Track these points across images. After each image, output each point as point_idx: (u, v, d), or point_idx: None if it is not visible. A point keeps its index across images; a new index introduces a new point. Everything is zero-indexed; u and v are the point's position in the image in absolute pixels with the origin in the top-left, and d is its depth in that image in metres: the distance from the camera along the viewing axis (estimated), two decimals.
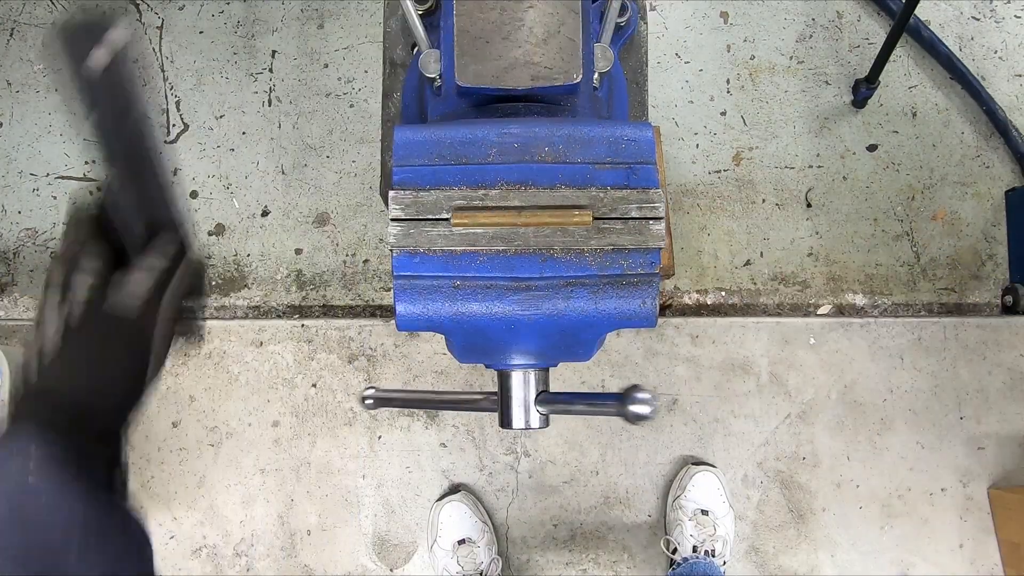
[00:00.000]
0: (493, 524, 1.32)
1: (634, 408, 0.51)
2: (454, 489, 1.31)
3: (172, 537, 1.32)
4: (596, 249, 0.48)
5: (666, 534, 1.30)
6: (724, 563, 1.24)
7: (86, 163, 1.45)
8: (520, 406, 0.58)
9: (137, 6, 1.49)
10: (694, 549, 1.22)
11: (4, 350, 0.97)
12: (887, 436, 1.36)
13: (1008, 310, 1.44)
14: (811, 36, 1.49)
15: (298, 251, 1.44)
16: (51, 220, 1.44)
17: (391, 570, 1.32)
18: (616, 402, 0.52)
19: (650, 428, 1.35)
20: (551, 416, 0.59)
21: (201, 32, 1.49)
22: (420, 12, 0.60)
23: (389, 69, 0.71)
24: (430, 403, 0.75)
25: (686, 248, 1.44)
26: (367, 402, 0.67)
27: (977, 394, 1.37)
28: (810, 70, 1.49)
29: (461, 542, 1.23)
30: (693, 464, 1.32)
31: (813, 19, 1.50)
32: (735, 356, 1.37)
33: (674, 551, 1.24)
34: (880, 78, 1.39)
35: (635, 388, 0.52)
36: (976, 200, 1.47)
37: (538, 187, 0.49)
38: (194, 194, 1.45)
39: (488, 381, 1.36)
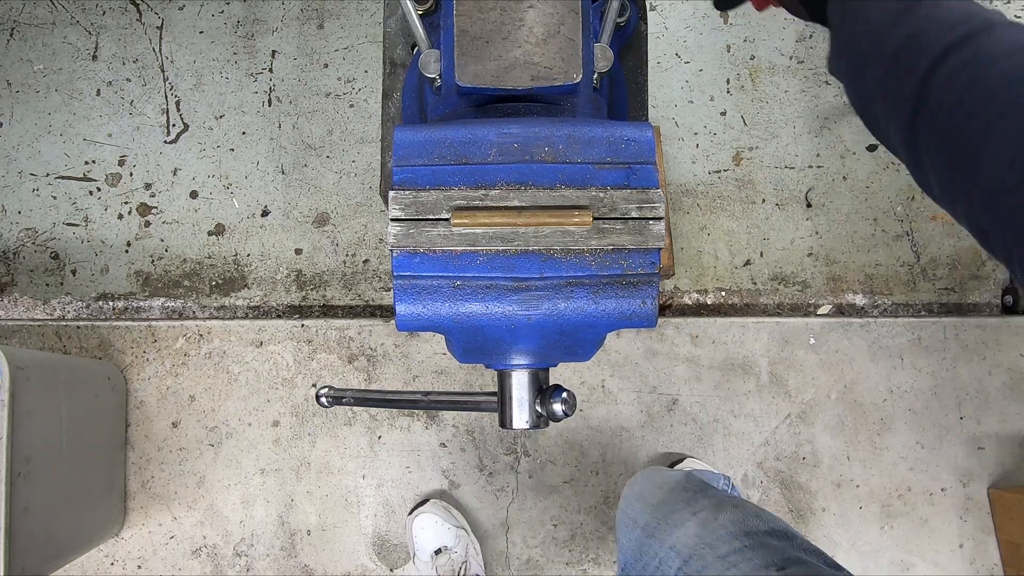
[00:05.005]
0: (493, 523, 1.32)
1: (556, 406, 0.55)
2: (422, 501, 1.30)
3: (172, 537, 1.32)
4: (596, 249, 0.48)
5: None
6: None
7: (86, 163, 1.45)
8: (520, 406, 0.58)
9: (137, 6, 1.49)
10: None
11: (4, 350, 0.97)
12: (887, 436, 1.36)
13: (1008, 310, 1.44)
14: (811, 36, 1.49)
15: (298, 251, 1.44)
16: (51, 220, 1.44)
17: (391, 570, 1.32)
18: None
19: (650, 428, 1.35)
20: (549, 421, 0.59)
21: (201, 32, 1.49)
22: (420, 12, 0.60)
23: (389, 69, 0.71)
24: (393, 403, 0.75)
25: (686, 248, 1.44)
26: (322, 400, 0.67)
27: (977, 394, 1.37)
28: (810, 70, 1.49)
29: (438, 551, 1.22)
30: (672, 465, 1.32)
31: None
32: (735, 356, 1.37)
33: None
34: None
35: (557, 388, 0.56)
36: None
37: (538, 187, 0.49)
38: (194, 194, 1.45)
39: (488, 381, 1.36)
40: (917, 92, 0.42)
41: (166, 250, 1.44)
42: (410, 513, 1.30)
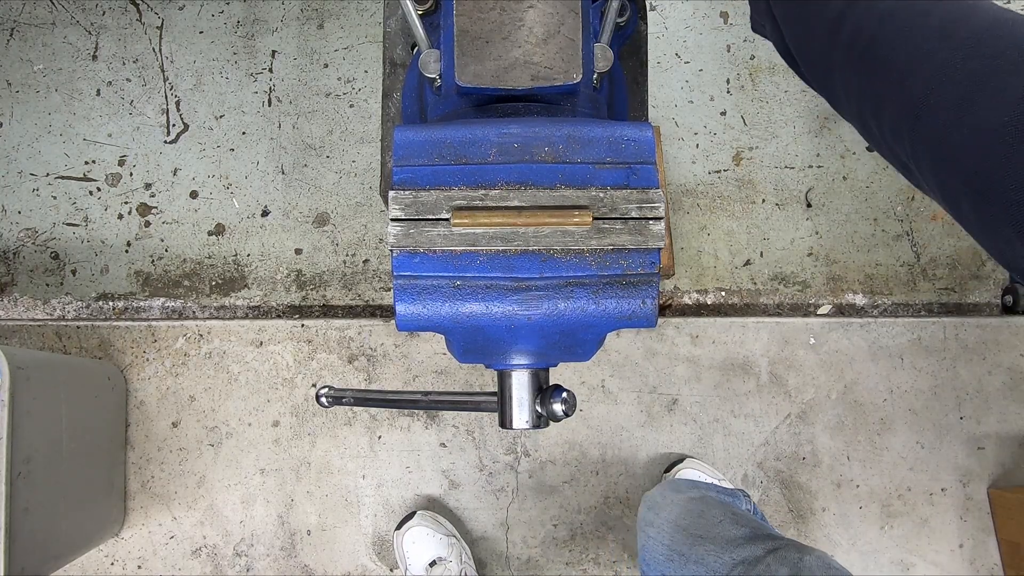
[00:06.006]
0: (493, 523, 1.32)
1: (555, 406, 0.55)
2: (409, 515, 1.29)
3: (172, 537, 1.32)
4: (596, 249, 0.48)
5: None
6: None
7: (86, 163, 1.45)
8: (520, 406, 0.58)
9: (137, 6, 1.49)
10: None
11: (4, 350, 0.97)
12: (887, 436, 1.36)
13: (1008, 310, 1.44)
14: None
15: (298, 251, 1.44)
16: (51, 220, 1.44)
17: (391, 570, 1.32)
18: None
19: (650, 428, 1.35)
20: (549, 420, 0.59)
21: (201, 32, 1.49)
22: (420, 12, 0.60)
23: (389, 69, 0.71)
24: (393, 403, 0.75)
25: (686, 248, 1.44)
26: (322, 400, 0.67)
27: (977, 394, 1.37)
28: None
29: (432, 563, 1.22)
30: (672, 465, 1.32)
31: None
32: (735, 356, 1.37)
33: None
34: None
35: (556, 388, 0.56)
36: None
37: (538, 187, 0.49)
38: (194, 194, 1.45)
39: (488, 381, 1.36)
40: (829, 47, 0.48)
41: (166, 250, 1.44)
42: (398, 528, 1.29)
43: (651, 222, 0.48)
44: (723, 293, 1.44)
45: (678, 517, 0.86)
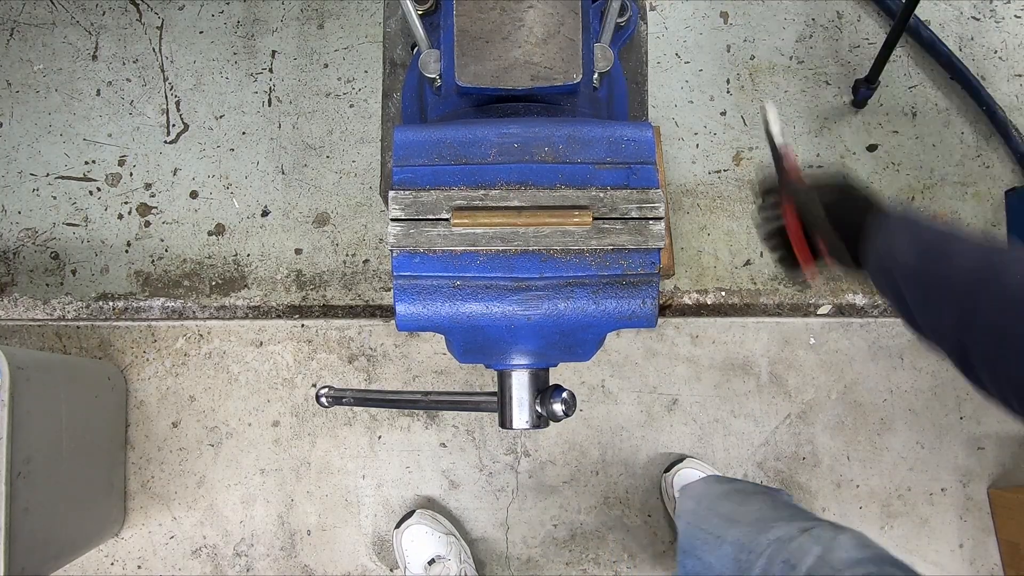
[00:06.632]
0: (493, 523, 1.32)
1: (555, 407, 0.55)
2: (408, 513, 1.29)
3: (172, 537, 1.32)
4: (596, 249, 0.48)
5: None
6: None
7: (86, 163, 1.45)
8: (520, 406, 0.58)
9: (137, 6, 1.49)
10: None
11: (4, 350, 0.97)
12: (887, 436, 1.36)
13: None
14: (811, 36, 1.49)
15: (298, 251, 1.44)
16: (51, 220, 1.44)
17: (391, 570, 1.32)
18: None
19: (650, 428, 1.35)
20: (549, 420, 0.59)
21: (201, 32, 1.49)
22: (420, 12, 0.60)
23: (389, 69, 0.71)
24: (393, 403, 0.75)
25: (686, 248, 1.44)
26: (322, 400, 0.67)
27: (977, 394, 1.37)
28: (810, 70, 1.49)
29: (431, 561, 1.22)
30: (672, 465, 1.32)
31: (813, 19, 1.50)
32: (735, 356, 1.37)
33: None
34: (880, 78, 1.39)
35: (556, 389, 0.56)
36: (976, 200, 1.47)
37: (538, 187, 0.49)
38: (194, 194, 1.45)
39: (488, 381, 1.36)
40: (960, 332, 0.52)
41: (166, 250, 1.44)
42: (397, 527, 1.29)
43: (651, 222, 0.48)
44: (723, 293, 1.44)
45: (717, 505, 0.89)
